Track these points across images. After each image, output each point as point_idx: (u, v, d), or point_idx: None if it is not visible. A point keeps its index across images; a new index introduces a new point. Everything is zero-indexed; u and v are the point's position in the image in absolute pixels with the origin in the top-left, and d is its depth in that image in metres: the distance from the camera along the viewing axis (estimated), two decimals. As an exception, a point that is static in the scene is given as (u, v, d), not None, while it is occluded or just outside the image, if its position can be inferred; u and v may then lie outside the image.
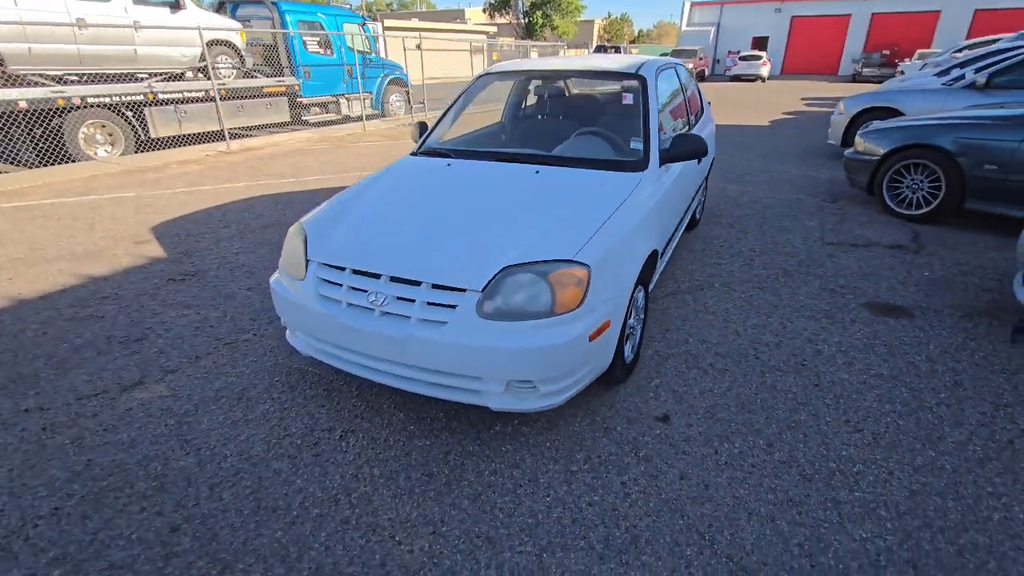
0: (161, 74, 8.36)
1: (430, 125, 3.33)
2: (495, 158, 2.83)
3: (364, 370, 2.14)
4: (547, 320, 1.85)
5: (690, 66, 26.08)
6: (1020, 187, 3.97)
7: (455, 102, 3.34)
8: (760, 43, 31.74)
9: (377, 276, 2.03)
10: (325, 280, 2.14)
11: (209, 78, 8.60)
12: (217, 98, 8.53)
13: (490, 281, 1.87)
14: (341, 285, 2.09)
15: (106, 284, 3.63)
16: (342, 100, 11.87)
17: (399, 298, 1.97)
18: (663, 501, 1.85)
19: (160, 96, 8.07)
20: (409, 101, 13.46)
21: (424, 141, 3.21)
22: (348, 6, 14.50)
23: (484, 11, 50.81)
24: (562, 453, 2.07)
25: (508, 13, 48.19)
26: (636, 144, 2.72)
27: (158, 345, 2.90)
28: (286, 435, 2.20)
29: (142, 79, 8.12)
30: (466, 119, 3.37)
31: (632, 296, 2.20)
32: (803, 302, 3.26)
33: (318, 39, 11.16)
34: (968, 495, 1.85)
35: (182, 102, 8.43)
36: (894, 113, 6.57)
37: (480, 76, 3.43)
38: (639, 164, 2.60)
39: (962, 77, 6.80)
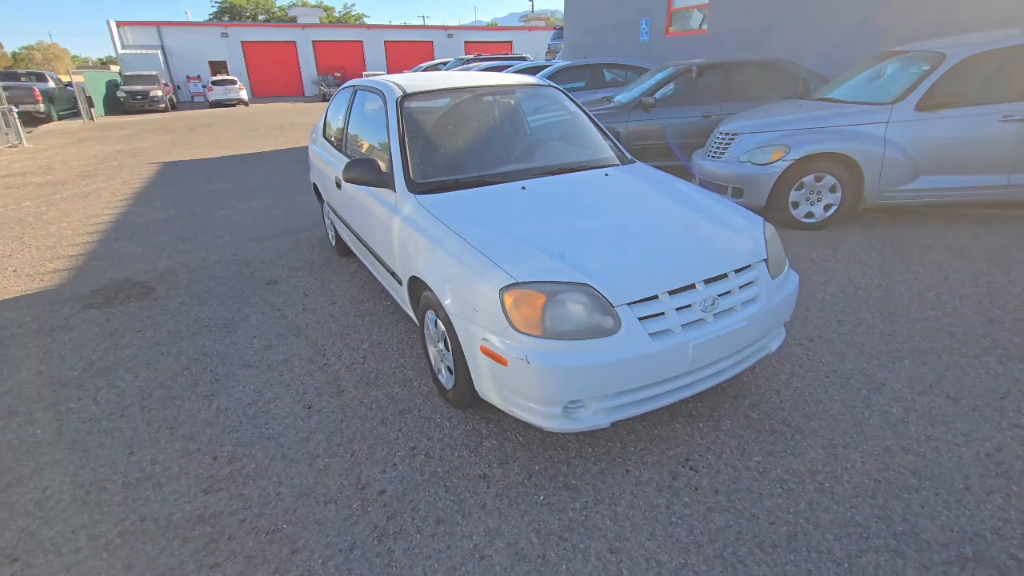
0: None
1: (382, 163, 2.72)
2: (528, 175, 2.74)
3: (681, 392, 2.06)
4: (788, 264, 2.41)
5: (159, 93, 23.58)
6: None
7: (403, 134, 2.79)
8: (218, 67, 31.08)
9: (692, 287, 2.00)
10: (645, 317, 1.90)
11: None
12: None
13: (766, 247, 2.26)
14: (663, 313, 1.93)
15: None
16: None
17: (719, 295, 2.05)
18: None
19: None
20: None
21: (412, 178, 2.62)
22: None
23: None
24: (773, 382, 2.68)
25: None
26: (608, 143, 3.24)
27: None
28: (675, 528, 1.88)
29: None
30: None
31: None
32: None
33: None
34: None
35: None
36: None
37: (403, 102, 2.93)
38: (628, 159, 3.17)
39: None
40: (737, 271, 2.13)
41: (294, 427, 2.38)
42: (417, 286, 2.51)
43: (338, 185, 3.52)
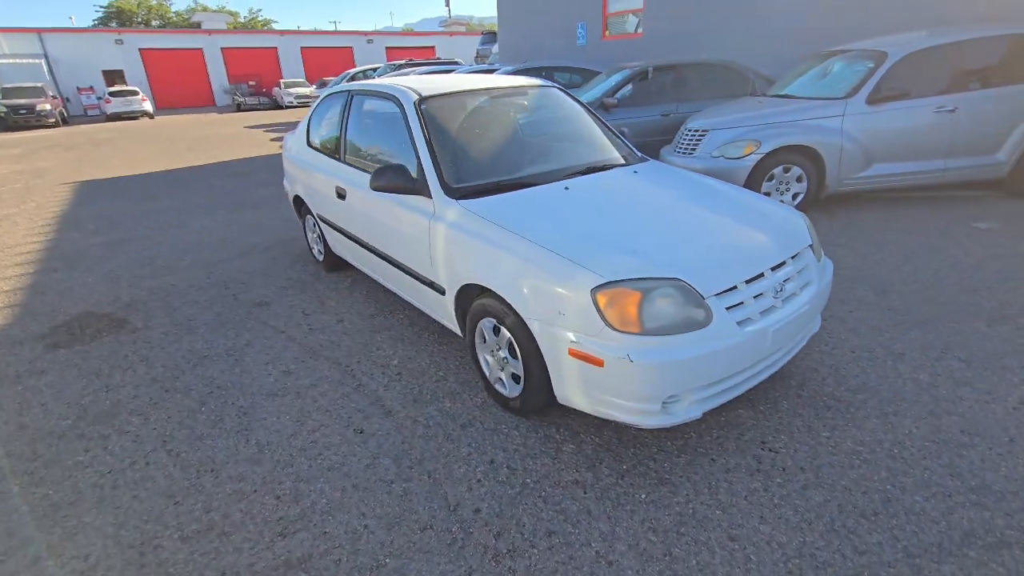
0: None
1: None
2: (559, 176, 2.72)
3: (757, 377, 2.13)
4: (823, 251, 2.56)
5: (47, 106, 21.33)
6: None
7: (429, 139, 2.68)
8: (114, 77, 28.45)
9: (761, 275, 2.08)
10: (730, 307, 1.94)
11: None
12: None
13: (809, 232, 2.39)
14: (742, 303, 1.99)
15: None
16: None
17: (784, 281, 2.14)
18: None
19: None
20: None
21: (447, 183, 2.54)
22: None
23: None
24: (808, 361, 2.83)
25: None
26: (617, 142, 3.29)
27: None
28: (807, 515, 1.94)
29: None
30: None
31: None
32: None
33: None
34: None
35: None
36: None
37: (422, 106, 2.81)
38: (640, 156, 3.23)
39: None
40: (792, 257, 2.24)
41: (353, 454, 2.22)
42: (466, 295, 2.42)
43: (339, 195, 3.33)
